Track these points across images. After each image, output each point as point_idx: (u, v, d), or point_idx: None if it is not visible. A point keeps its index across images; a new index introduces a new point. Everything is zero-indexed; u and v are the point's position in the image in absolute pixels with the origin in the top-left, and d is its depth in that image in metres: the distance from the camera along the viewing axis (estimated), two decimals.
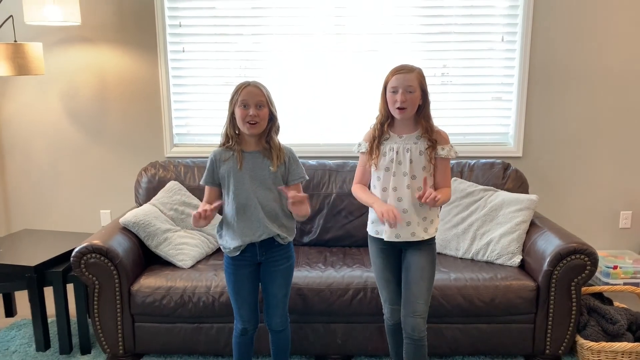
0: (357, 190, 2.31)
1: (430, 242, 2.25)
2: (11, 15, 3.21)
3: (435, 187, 2.21)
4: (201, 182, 2.25)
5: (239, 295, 2.25)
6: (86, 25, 3.41)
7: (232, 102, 2.14)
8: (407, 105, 2.13)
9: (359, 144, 2.31)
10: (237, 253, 2.20)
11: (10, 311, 3.10)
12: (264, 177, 2.16)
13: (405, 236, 2.19)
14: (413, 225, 2.19)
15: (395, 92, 2.14)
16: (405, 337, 2.25)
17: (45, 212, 3.77)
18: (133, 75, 3.57)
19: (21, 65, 3.12)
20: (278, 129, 2.22)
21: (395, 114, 2.16)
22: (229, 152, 2.18)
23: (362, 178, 2.32)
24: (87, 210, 3.76)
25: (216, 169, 2.19)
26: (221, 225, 2.25)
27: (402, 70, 2.15)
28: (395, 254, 2.28)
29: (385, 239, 2.22)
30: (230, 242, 2.20)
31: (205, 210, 2.06)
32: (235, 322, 2.31)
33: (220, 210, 2.20)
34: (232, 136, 2.17)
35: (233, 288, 2.26)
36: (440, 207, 2.30)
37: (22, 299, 3.26)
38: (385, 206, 2.12)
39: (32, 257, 2.67)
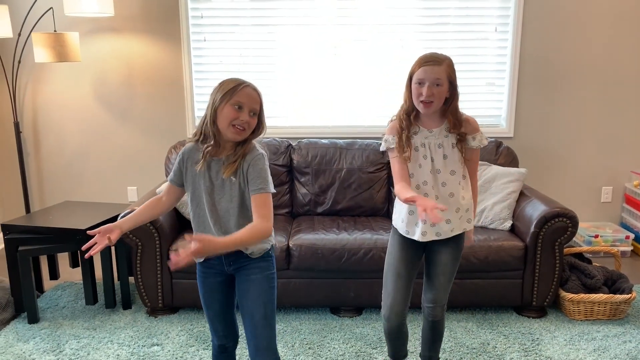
0: (401, 190, 1.97)
1: (460, 235, 2.16)
2: (51, 7, 3.53)
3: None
4: (167, 180, 2.01)
5: (210, 307, 1.97)
6: (117, 17, 3.73)
7: (224, 98, 1.78)
8: (433, 99, 1.97)
9: (385, 140, 2.09)
10: (202, 259, 1.91)
11: (54, 274, 3.44)
12: (222, 184, 1.84)
13: (445, 234, 2.10)
14: (454, 222, 2.08)
15: (421, 84, 1.97)
16: (424, 318, 2.29)
17: (77, 188, 4.10)
18: (158, 62, 3.90)
19: (61, 52, 3.44)
20: (258, 137, 1.89)
21: (420, 107, 2.00)
22: (200, 152, 1.85)
23: (402, 174, 2.03)
24: (115, 187, 4.10)
25: (183, 170, 1.90)
26: None
27: (430, 61, 1.97)
28: (419, 248, 2.17)
29: (422, 240, 2.10)
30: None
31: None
32: (212, 338, 2.05)
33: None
34: (210, 135, 1.81)
35: (203, 299, 1.98)
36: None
37: (63, 265, 3.61)
38: (430, 202, 1.81)
39: (81, 222, 3.00)
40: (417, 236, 2.11)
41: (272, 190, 1.83)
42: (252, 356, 1.91)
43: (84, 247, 1.87)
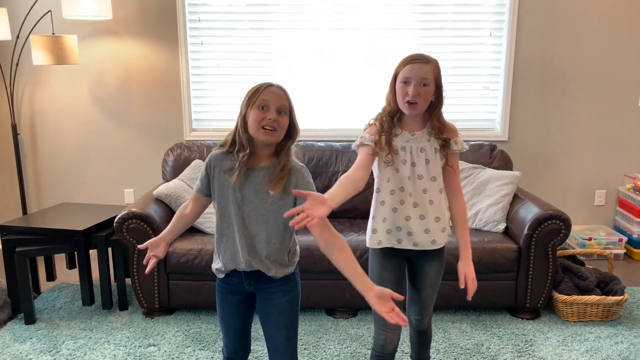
0: (340, 181, 1.79)
1: (442, 248, 2.06)
2: (49, 10, 3.56)
3: (449, 191, 2.01)
4: (194, 189, 1.89)
5: (224, 322, 1.93)
6: (115, 20, 3.75)
7: (249, 102, 1.70)
8: (418, 100, 1.86)
9: (361, 137, 1.95)
10: (222, 275, 1.86)
11: (51, 275, 3.45)
12: (256, 197, 1.74)
13: (425, 245, 1.98)
14: (433, 232, 1.96)
15: (407, 83, 1.86)
16: (410, 327, 2.23)
17: (74, 190, 4.12)
18: (156, 65, 3.93)
19: (59, 55, 3.47)
20: (296, 145, 1.79)
21: (404, 108, 1.90)
22: (229, 161, 1.76)
23: (358, 166, 1.88)
24: (112, 189, 4.12)
25: (211, 178, 1.80)
26: None
27: (417, 60, 1.88)
28: (401, 265, 2.06)
29: (386, 246, 2.00)
30: (215, 261, 1.88)
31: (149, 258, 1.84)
32: (223, 348, 2.00)
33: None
34: (245, 143, 1.72)
35: (219, 313, 1.93)
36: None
37: (60, 266, 3.62)
38: (387, 305, 1.62)
39: (78, 223, 3.02)
40: (372, 244, 2.00)
41: None
42: None
43: (145, 262, 1.89)
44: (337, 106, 4.00)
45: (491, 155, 3.59)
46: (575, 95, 3.99)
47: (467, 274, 2.01)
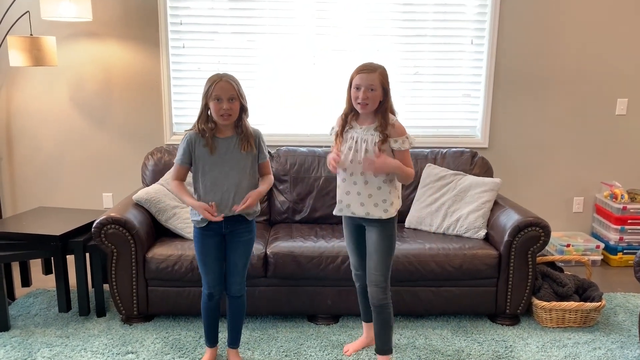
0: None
1: (387, 221, 2.43)
2: (28, 11, 3.49)
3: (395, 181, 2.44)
4: (175, 161, 2.41)
5: (206, 263, 2.46)
6: (95, 21, 3.70)
7: (207, 96, 2.30)
8: (368, 102, 2.31)
9: (332, 127, 2.53)
10: (205, 224, 2.39)
11: (26, 281, 3.37)
12: (237, 159, 2.38)
13: (360, 214, 2.42)
14: (367, 205, 2.40)
15: (358, 89, 2.31)
16: (370, 303, 2.53)
17: (51, 194, 4.04)
18: (136, 68, 3.88)
19: (37, 57, 3.41)
20: (247, 116, 2.41)
21: (358, 108, 2.36)
22: (202, 139, 2.36)
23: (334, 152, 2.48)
24: (91, 193, 4.05)
25: (192, 151, 2.37)
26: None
27: (365, 69, 2.32)
28: (357, 228, 2.52)
29: (339, 214, 2.50)
30: (197, 215, 2.40)
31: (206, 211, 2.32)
32: (203, 288, 2.52)
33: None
34: (206, 128, 2.34)
35: (200, 256, 2.47)
36: (399, 188, 2.50)
37: (35, 272, 3.55)
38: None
39: (55, 228, 2.96)
40: (342, 212, 2.49)
41: None
42: (230, 283, 2.51)
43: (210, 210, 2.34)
44: (319, 111, 4.00)
45: (472, 162, 3.61)
46: (554, 103, 4.05)
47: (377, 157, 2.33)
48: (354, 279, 2.71)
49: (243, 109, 2.39)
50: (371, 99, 2.32)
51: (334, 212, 2.54)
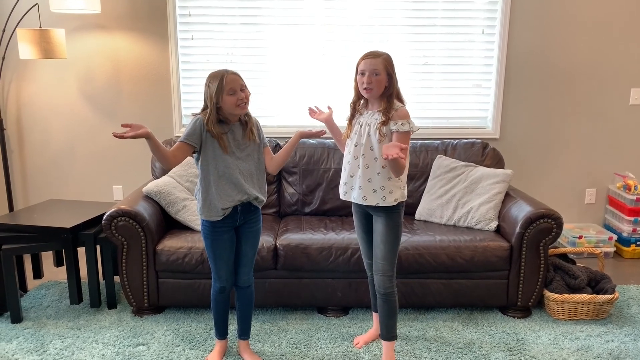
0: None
1: (392, 209, 2.43)
2: (37, 3, 3.49)
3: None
4: (182, 139, 2.31)
5: (220, 258, 2.44)
6: (104, 14, 3.70)
7: (219, 93, 2.26)
8: (372, 87, 2.34)
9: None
10: (220, 217, 2.35)
11: (38, 273, 3.40)
12: (245, 145, 2.38)
13: (358, 199, 2.44)
14: (365, 190, 2.40)
15: (363, 74, 2.36)
16: (376, 290, 2.55)
17: (62, 187, 4.06)
18: (145, 60, 3.87)
19: (46, 49, 3.41)
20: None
21: (363, 93, 2.40)
22: (215, 140, 2.32)
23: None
24: (101, 186, 4.06)
25: (203, 135, 2.30)
26: (202, 192, 2.37)
27: (370, 55, 2.37)
28: (366, 216, 2.54)
29: (343, 198, 2.53)
30: (209, 210, 2.34)
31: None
32: (214, 281, 2.52)
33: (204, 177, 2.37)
34: (221, 130, 2.31)
35: (214, 252, 2.44)
36: (403, 179, 2.44)
37: (47, 264, 3.57)
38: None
39: (66, 221, 2.98)
40: (340, 195, 2.55)
41: None
42: (240, 274, 2.53)
43: (123, 125, 2.25)
44: (328, 103, 3.96)
45: (483, 153, 3.58)
46: (567, 94, 4.00)
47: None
48: (365, 268, 2.73)
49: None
50: (375, 83, 2.35)
51: (340, 195, 2.57)
